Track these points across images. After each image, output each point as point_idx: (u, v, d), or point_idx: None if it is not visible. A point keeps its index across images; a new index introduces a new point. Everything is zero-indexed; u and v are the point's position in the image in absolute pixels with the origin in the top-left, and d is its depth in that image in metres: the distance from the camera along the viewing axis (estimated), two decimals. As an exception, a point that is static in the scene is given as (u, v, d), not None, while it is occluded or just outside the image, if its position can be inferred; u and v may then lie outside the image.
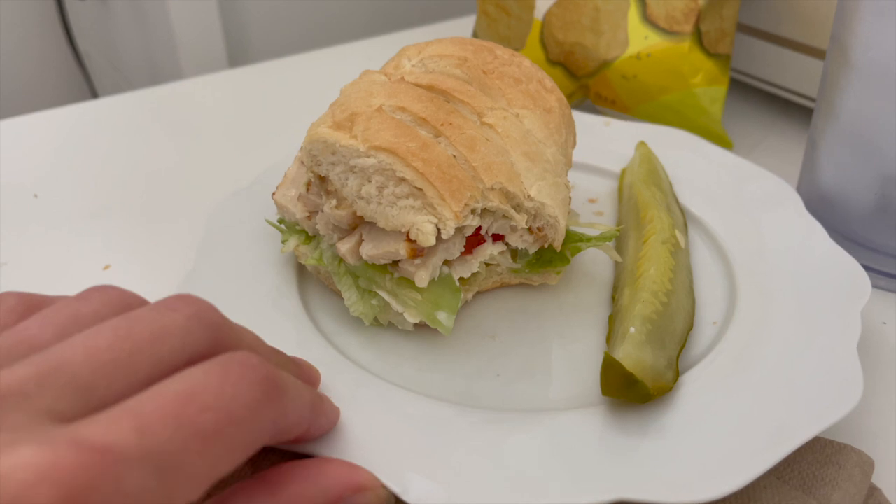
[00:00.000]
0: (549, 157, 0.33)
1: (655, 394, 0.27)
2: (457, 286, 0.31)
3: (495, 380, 0.31)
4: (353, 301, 0.32)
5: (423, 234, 0.29)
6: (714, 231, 0.38)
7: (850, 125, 0.37)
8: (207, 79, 0.62)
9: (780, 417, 0.27)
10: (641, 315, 0.30)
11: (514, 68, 0.36)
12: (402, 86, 0.33)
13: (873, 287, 0.38)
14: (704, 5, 0.47)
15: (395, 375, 0.30)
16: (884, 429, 0.31)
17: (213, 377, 0.19)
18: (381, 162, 0.29)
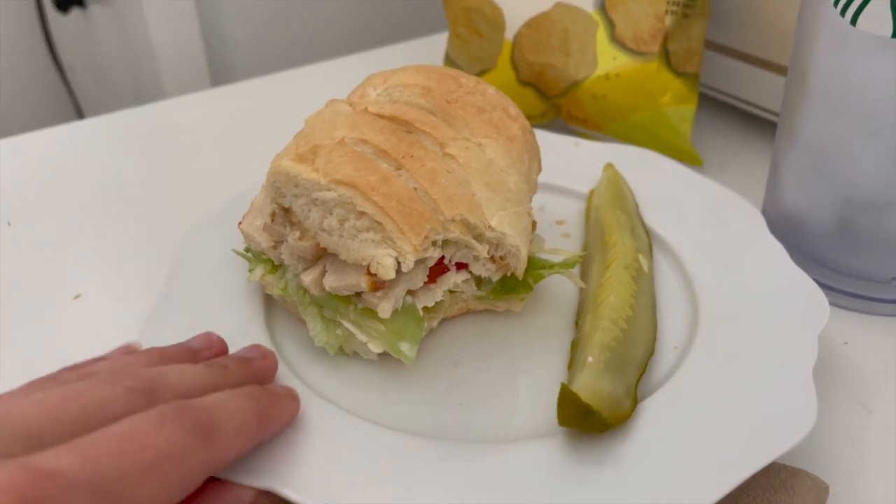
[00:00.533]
0: (512, 186, 0.33)
1: (613, 423, 0.27)
2: (420, 316, 0.32)
3: (458, 408, 0.31)
4: (317, 331, 0.32)
5: (382, 268, 0.29)
6: (679, 253, 0.38)
7: (810, 149, 0.38)
8: (188, 99, 0.62)
9: (735, 446, 0.27)
10: (600, 343, 0.30)
11: (478, 97, 0.36)
12: (365, 117, 0.33)
13: (835, 306, 0.39)
14: (671, 26, 0.48)
15: (358, 405, 0.31)
16: (840, 452, 0.31)
17: (150, 423, 0.22)
18: (342, 196, 0.30)
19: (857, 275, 0.39)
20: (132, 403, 0.23)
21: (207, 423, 0.23)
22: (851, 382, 0.35)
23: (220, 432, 0.23)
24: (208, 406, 0.24)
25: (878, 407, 0.34)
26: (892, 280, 0.38)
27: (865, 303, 0.39)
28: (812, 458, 0.31)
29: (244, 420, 0.25)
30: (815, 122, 0.37)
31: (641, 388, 0.31)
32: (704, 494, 0.25)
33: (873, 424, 0.33)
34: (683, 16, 0.48)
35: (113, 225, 0.46)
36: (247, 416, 0.25)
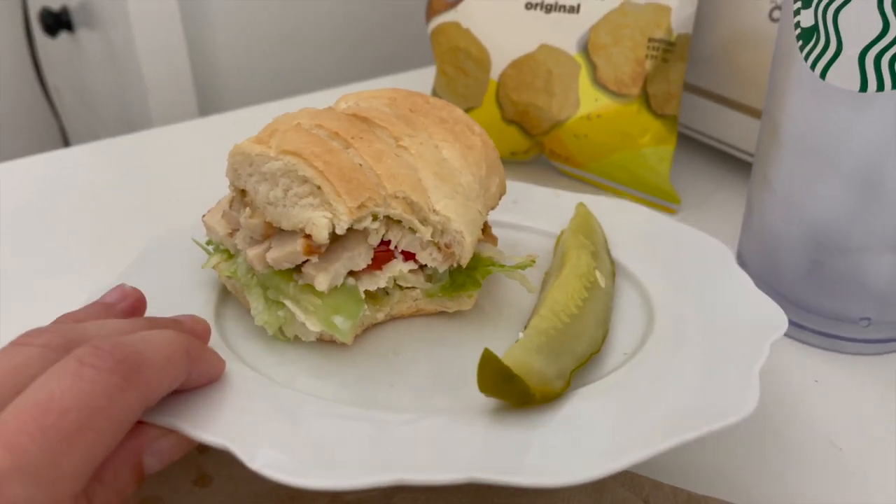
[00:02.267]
0: (463, 183, 0.34)
1: (538, 396, 0.27)
2: (360, 297, 0.32)
3: (389, 389, 0.31)
4: (259, 311, 0.33)
5: (316, 228, 0.29)
6: (642, 279, 0.38)
7: (783, 194, 0.39)
8: (176, 128, 0.63)
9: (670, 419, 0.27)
10: (536, 327, 0.30)
11: (443, 112, 0.37)
12: (327, 111, 0.34)
13: (806, 344, 0.40)
14: (651, 70, 0.49)
15: (290, 382, 0.31)
16: (809, 488, 0.31)
17: (66, 378, 0.20)
18: (287, 163, 0.30)
19: (828, 315, 0.39)
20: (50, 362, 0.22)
21: (132, 358, 0.22)
22: (821, 420, 0.35)
23: (146, 365, 0.22)
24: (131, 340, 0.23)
25: (846, 445, 0.33)
26: (861, 320, 0.38)
27: (836, 342, 0.39)
28: (780, 496, 0.31)
29: (173, 352, 0.24)
30: (787, 170, 0.38)
31: (582, 378, 0.31)
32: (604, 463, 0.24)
33: (842, 462, 0.32)
34: (663, 60, 0.49)
35: (101, 253, 0.47)
36: (174, 347, 0.24)
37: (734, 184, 0.54)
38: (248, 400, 0.28)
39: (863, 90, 0.33)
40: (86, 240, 0.48)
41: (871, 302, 0.38)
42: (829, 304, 0.39)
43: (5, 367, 0.21)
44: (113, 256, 0.46)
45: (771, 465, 0.33)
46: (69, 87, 1.11)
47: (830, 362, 0.39)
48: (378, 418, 0.27)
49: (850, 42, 0.33)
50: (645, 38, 0.48)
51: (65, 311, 0.31)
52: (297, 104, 0.67)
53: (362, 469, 0.24)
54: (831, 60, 0.34)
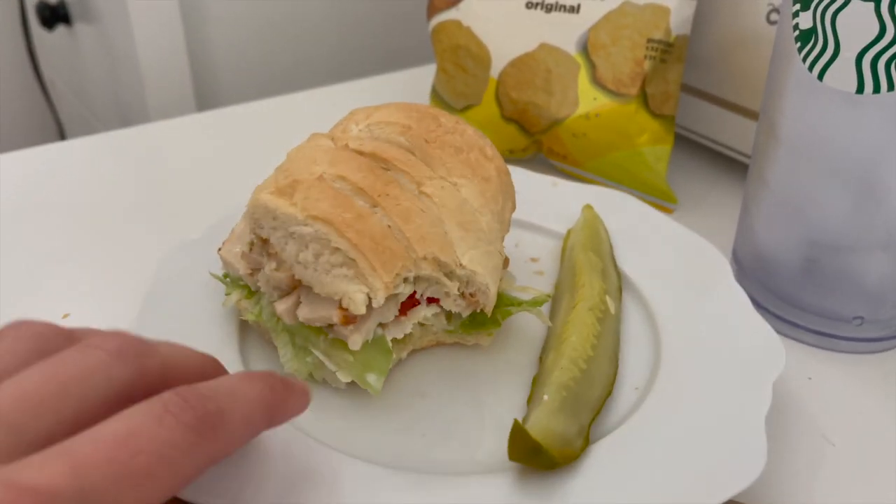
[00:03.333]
0: (484, 226, 0.34)
1: (561, 462, 0.29)
2: (388, 348, 0.33)
3: (421, 439, 0.32)
4: (287, 358, 0.33)
5: (354, 303, 0.30)
6: (646, 297, 0.40)
7: (779, 194, 0.39)
8: (174, 122, 0.63)
9: (682, 489, 0.28)
10: (558, 382, 0.31)
11: (456, 136, 0.37)
12: (345, 154, 0.34)
13: (800, 342, 0.41)
14: (649, 70, 0.49)
15: (324, 432, 0.32)
16: (802, 483, 0.32)
17: (148, 420, 0.21)
18: (318, 231, 0.31)
19: (822, 314, 0.40)
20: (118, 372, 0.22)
21: (212, 417, 0.22)
22: (814, 416, 0.36)
23: (223, 426, 0.22)
24: (216, 394, 0.23)
25: (839, 440, 0.35)
26: (855, 319, 0.39)
27: (830, 340, 0.40)
28: (773, 489, 0.32)
29: (253, 410, 0.24)
30: (784, 169, 0.39)
31: (597, 427, 0.32)
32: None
33: (834, 457, 0.34)
34: (661, 61, 0.49)
35: (99, 245, 0.47)
36: (257, 405, 0.24)
37: (729, 184, 0.55)
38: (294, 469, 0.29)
39: (859, 92, 0.34)
40: (81, 233, 0.48)
41: (865, 301, 0.39)
42: (822, 302, 0.40)
43: (75, 371, 0.21)
44: (109, 250, 0.46)
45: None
46: (65, 80, 1.10)
47: (824, 360, 0.40)
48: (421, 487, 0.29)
49: (847, 44, 0.33)
50: (644, 38, 0.49)
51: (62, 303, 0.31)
52: (297, 101, 0.67)
53: None
54: (829, 62, 0.34)
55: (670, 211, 0.52)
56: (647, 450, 0.30)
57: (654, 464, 0.30)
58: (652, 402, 0.33)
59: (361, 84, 0.70)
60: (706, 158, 0.58)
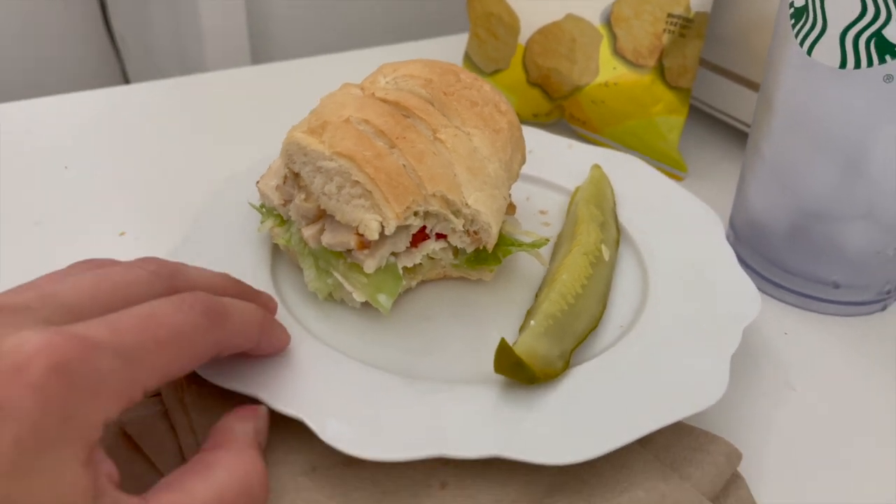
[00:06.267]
0: (491, 172, 0.38)
1: (542, 377, 0.33)
2: (399, 274, 0.37)
3: (424, 355, 0.37)
4: (311, 278, 0.38)
5: (368, 230, 0.34)
6: (641, 250, 0.43)
7: (772, 163, 0.43)
8: (230, 73, 0.69)
9: (649, 404, 0.32)
10: (545, 311, 0.35)
11: (473, 92, 0.41)
12: (371, 101, 0.38)
13: (782, 302, 0.44)
14: (668, 44, 0.52)
15: (341, 344, 0.36)
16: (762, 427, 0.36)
17: (168, 307, 0.26)
18: (341, 166, 0.35)
19: (805, 276, 0.43)
20: (154, 285, 0.27)
21: (219, 312, 0.27)
22: (783, 366, 0.40)
23: (228, 320, 0.28)
24: (221, 300, 0.28)
25: (800, 387, 0.38)
26: (832, 284, 0.42)
27: (809, 301, 0.43)
28: (732, 428, 0.35)
29: (249, 319, 0.30)
30: (777, 140, 0.42)
31: (580, 354, 0.36)
32: (611, 440, 0.30)
33: (794, 400, 0.37)
34: (680, 35, 0.52)
35: (155, 175, 0.53)
36: (252, 317, 0.30)
37: (738, 156, 0.58)
38: (314, 371, 0.34)
39: (842, 67, 0.36)
40: (141, 165, 0.54)
41: (843, 267, 0.42)
42: (805, 266, 0.43)
43: (121, 280, 0.27)
44: (164, 180, 0.52)
45: (730, 396, 0.36)
46: (133, 34, 1.17)
47: (801, 319, 0.43)
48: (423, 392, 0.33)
49: (833, 21, 0.36)
50: (664, 13, 0.52)
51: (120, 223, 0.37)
52: (341, 60, 0.72)
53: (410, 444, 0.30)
54: (817, 38, 0.37)
55: (681, 178, 0.55)
56: (620, 374, 0.34)
57: (625, 386, 0.34)
58: (631, 337, 0.37)
59: (402, 48, 0.75)
60: (719, 131, 0.61)
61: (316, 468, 0.31)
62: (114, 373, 0.23)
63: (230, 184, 0.45)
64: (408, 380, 0.34)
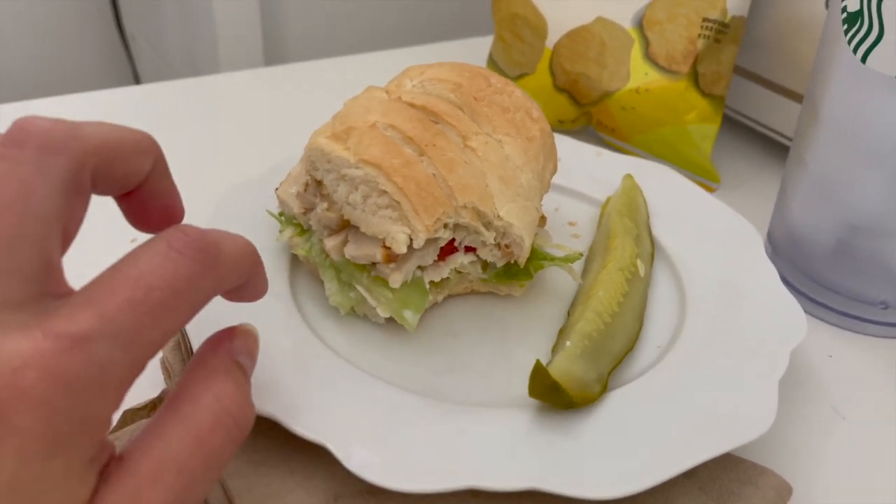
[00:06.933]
0: (524, 183, 0.36)
1: (579, 402, 0.31)
2: (425, 289, 0.35)
3: (449, 375, 0.35)
4: (333, 291, 0.36)
5: (396, 243, 0.32)
6: (677, 264, 0.41)
7: (817, 175, 0.40)
8: (244, 74, 0.67)
9: (694, 434, 0.30)
10: (581, 331, 0.33)
11: (504, 97, 0.39)
12: (397, 105, 0.36)
13: (825, 322, 0.42)
14: (702, 49, 0.50)
15: (363, 361, 0.34)
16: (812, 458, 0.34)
17: (155, 258, 0.23)
18: (367, 174, 0.33)
19: (849, 295, 0.41)
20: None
21: (211, 249, 0.24)
22: (830, 391, 0.38)
23: (222, 258, 0.24)
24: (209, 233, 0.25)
25: (850, 415, 0.36)
26: (880, 304, 0.40)
27: (854, 322, 0.41)
28: (779, 458, 0.34)
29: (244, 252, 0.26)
30: (823, 151, 0.40)
31: (617, 377, 0.34)
32: (654, 473, 0.28)
33: (844, 430, 0.35)
34: (715, 41, 0.50)
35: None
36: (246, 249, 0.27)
37: (775, 169, 0.56)
38: (336, 391, 0.32)
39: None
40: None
41: (891, 286, 0.40)
42: (850, 285, 0.41)
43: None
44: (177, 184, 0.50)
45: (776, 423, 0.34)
46: (144, 35, 1.16)
47: (846, 341, 0.41)
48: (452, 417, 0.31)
49: (891, 27, 0.34)
50: (699, 17, 0.50)
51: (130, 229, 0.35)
52: (358, 62, 0.70)
53: (440, 474, 0.28)
54: (873, 45, 0.35)
55: (713, 189, 0.53)
56: (661, 399, 0.32)
57: (666, 412, 0.31)
58: (671, 360, 0.35)
59: (422, 50, 0.73)
60: (755, 142, 0.59)
61: (339, 497, 0.29)
62: (113, 364, 0.21)
63: (245, 189, 0.43)
64: (435, 402, 0.32)
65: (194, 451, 0.22)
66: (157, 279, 0.22)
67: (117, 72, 1.26)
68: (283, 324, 0.35)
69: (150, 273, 0.22)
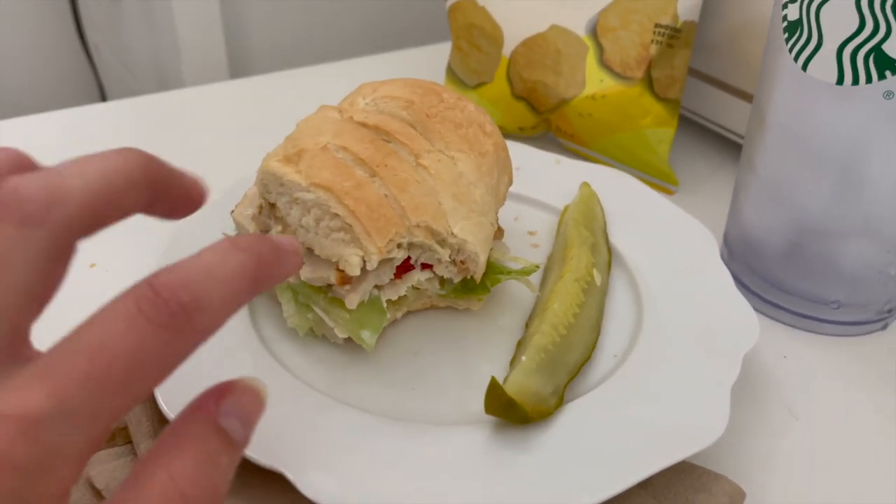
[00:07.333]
0: (478, 198, 0.37)
1: (535, 417, 0.31)
2: (383, 308, 0.36)
3: (411, 392, 0.35)
4: (290, 313, 0.36)
5: (349, 265, 0.33)
6: (633, 272, 0.42)
7: (766, 179, 0.41)
8: (208, 88, 0.67)
9: (648, 444, 0.31)
10: (537, 345, 0.34)
11: (457, 112, 0.39)
12: (349, 125, 0.37)
13: (780, 322, 0.43)
14: (656, 55, 0.51)
15: (322, 382, 0.35)
16: (765, 461, 0.35)
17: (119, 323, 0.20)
18: (319, 197, 0.33)
19: (803, 296, 0.42)
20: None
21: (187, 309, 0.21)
22: (783, 392, 0.38)
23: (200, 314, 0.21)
24: (191, 276, 0.21)
25: (803, 415, 0.37)
26: (832, 303, 0.41)
27: (808, 322, 0.42)
28: (733, 462, 0.34)
29: (234, 289, 0.22)
30: (771, 156, 0.40)
31: (574, 389, 0.34)
32: (610, 485, 0.29)
33: (797, 431, 0.36)
34: (668, 46, 0.51)
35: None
36: (238, 283, 0.22)
37: (732, 168, 0.56)
38: (294, 414, 0.32)
39: (839, 83, 0.35)
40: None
41: (842, 285, 0.41)
42: (803, 285, 0.42)
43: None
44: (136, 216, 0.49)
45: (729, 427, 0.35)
46: (108, 45, 1.14)
47: (800, 340, 0.41)
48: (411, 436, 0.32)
49: (829, 36, 0.35)
50: (652, 23, 0.50)
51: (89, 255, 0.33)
52: (321, 72, 0.70)
53: (400, 495, 0.29)
54: (812, 53, 0.36)
55: (671, 192, 0.54)
56: (616, 410, 0.33)
57: (621, 423, 0.32)
58: (626, 369, 0.35)
59: (382, 58, 0.73)
60: (711, 143, 0.59)
61: (298, 522, 0.30)
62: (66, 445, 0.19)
63: (202, 212, 0.43)
64: (394, 422, 0.32)
65: None
66: (120, 350, 0.20)
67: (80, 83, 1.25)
68: (242, 346, 0.35)
69: (112, 342, 0.20)
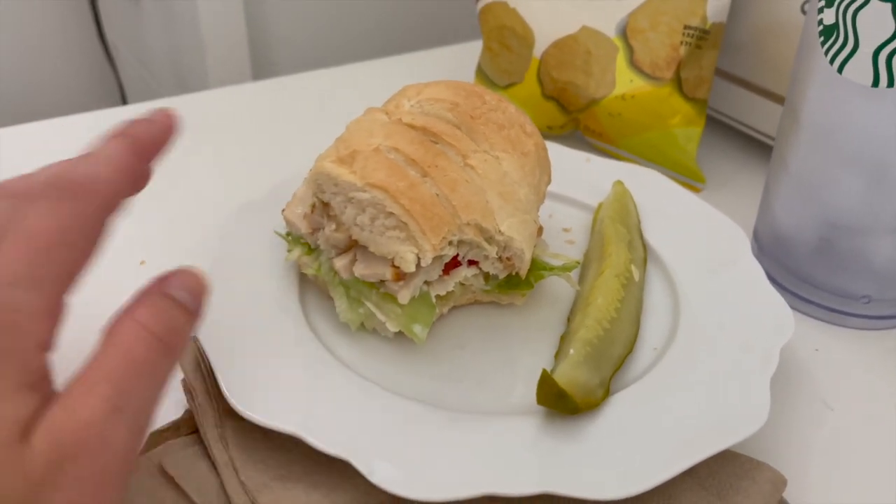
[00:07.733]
0: (522, 197, 0.38)
1: (584, 407, 0.32)
2: (433, 303, 0.37)
3: (458, 385, 0.36)
4: (342, 308, 0.38)
5: (405, 262, 0.34)
6: (669, 267, 0.43)
7: (798, 176, 0.42)
8: (231, 90, 0.68)
9: (693, 433, 0.32)
10: (583, 339, 0.35)
11: (499, 114, 0.41)
12: (398, 127, 0.38)
13: (811, 317, 0.44)
14: (685, 55, 0.52)
15: (375, 374, 0.36)
16: (804, 450, 0.36)
17: (40, 207, 0.25)
18: (375, 197, 0.35)
19: (833, 291, 0.43)
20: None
21: (85, 186, 0.28)
22: (817, 384, 0.39)
23: (96, 183, 0.27)
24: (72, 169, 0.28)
25: (837, 406, 0.38)
26: (862, 298, 0.42)
27: (838, 316, 0.43)
28: (774, 451, 0.35)
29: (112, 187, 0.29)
30: (803, 154, 0.42)
31: (618, 381, 0.36)
32: (658, 473, 0.30)
33: (833, 421, 0.37)
34: (697, 47, 0.52)
35: (171, 201, 0.51)
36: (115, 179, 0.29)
37: (757, 166, 0.57)
38: (353, 406, 0.33)
39: (875, 85, 0.36)
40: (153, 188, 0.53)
41: (873, 281, 0.42)
42: (833, 280, 0.43)
43: None
44: (167, 212, 0.51)
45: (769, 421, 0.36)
46: (128, 46, 1.15)
47: (831, 334, 0.43)
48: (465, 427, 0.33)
49: (865, 41, 0.36)
50: (681, 24, 0.51)
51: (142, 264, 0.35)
52: (347, 73, 0.71)
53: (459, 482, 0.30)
54: (848, 56, 0.37)
55: (698, 190, 0.55)
56: (660, 401, 0.34)
57: (665, 413, 0.33)
58: (667, 362, 0.37)
59: (410, 58, 0.74)
60: (737, 141, 0.61)
61: (361, 508, 0.31)
62: (23, 303, 0.23)
63: (248, 211, 0.44)
64: (447, 412, 0.34)
65: (119, 363, 0.24)
66: (44, 227, 0.25)
67: (101, 84, 1.26)
68: (296, 341, 0.37)
69: (37, 224, 0.25)
